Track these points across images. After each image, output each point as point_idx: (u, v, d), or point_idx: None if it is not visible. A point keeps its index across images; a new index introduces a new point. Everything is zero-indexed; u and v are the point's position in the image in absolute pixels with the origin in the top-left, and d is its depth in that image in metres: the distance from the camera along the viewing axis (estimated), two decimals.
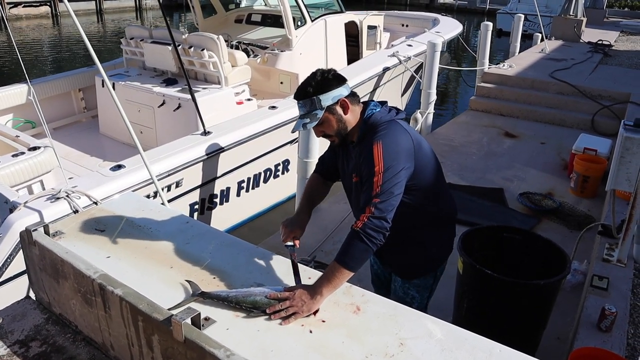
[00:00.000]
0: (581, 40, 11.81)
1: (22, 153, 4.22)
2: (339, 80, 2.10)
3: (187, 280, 1.98)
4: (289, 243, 2.24)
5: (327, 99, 2.06)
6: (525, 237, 3.02)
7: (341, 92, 2.09)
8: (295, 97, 2.12)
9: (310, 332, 1.74)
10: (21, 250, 2.38)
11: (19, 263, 3.37)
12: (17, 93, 6.11)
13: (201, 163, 4.76)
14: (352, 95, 2.15)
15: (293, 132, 2.16)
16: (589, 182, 5.18)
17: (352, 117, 2.14)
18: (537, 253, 2.94)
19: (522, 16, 11.51)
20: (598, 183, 5.20)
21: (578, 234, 4.08)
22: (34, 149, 4.30)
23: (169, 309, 1.78)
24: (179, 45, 5.70)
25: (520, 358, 1.64)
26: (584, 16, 12.61)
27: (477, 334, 1.74)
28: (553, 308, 2.83)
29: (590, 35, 12.23)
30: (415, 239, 2.37)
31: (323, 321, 1.79)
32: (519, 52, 11.06)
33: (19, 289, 3.34)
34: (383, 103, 2.25)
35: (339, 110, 2.10)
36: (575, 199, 5.18)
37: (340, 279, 1.91)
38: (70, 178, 4.13)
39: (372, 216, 1.95)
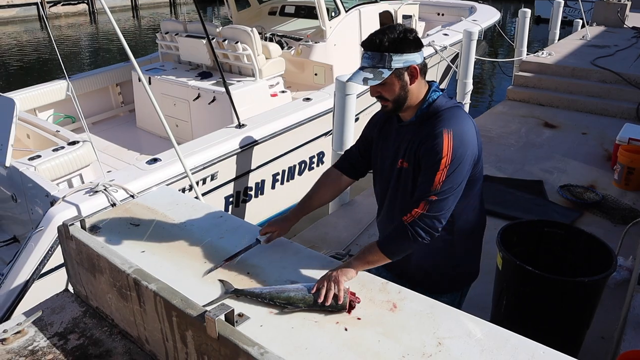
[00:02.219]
0: (625, 26, 11.35)
1: (62, 147, 4.31)
2: (417, 45, 1.89)
3: (219, 280, 1.96)
4: (260, 237, 2.18)
5: (400, 61, 1.84)
6: (567, 232, 2.90)
7: (415, 58, 1.87)
8: (364, 45, 1.88)
9: (346, 330, 1.71)
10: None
11: (59, 255, 3.45)
12: (56, 89, 6.25)
13: (236, 156, 4.77)
14: (424, 67, 1.94)
15: (348, 81, 2.01)
16: (635, 174, 4.98)
17: (416, 90, 1.92)
18: (579, 248, 2.82)
19: (562, 2, 11.13)
20: None
21: (623, 229, 3.93)
22: (73, 143, 4.39)
23: (203, 306, 1.77)
24: (213, 39, 5.72)
25: None
26: (628, 0, 12.12)
27: (518, 334, 1.67)
28: (597, 307, 2.73)
29: (635, 20, 11.75)
30: (449, 249, 2.12)
31: (358, 319, 1.75)
32: (559, 40, 10.72)
33: (60, 281, 3.42)
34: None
35: (407, 77, 1.88)
36: (619, 192, 4.98)
37: (374, 260, 1.90)
38: (108, 172, 4.20)
39: (424, 214, 1.83)
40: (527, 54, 9.05)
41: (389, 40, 1.82)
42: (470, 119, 1.95)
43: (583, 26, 10.74)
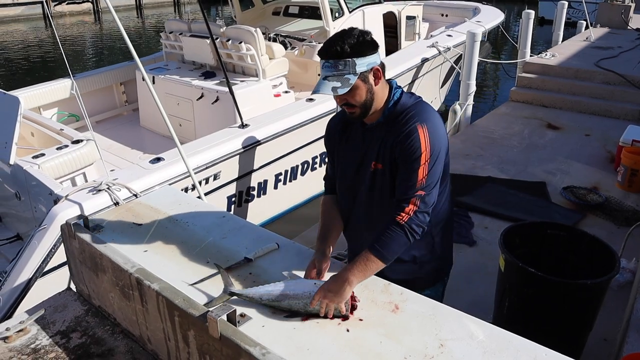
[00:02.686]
0: (629, 27, 11.31)
1: (66, 146, 4.32)
2: (375, 45, 1.88)
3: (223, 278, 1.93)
4: (248, 255, 2.10)
5: (363, 64, 1.82)
6: (570, 234, 2.90)
7: (376, 59, 1.87)
8: (323, 54, 1.85)
9: (348, 330, 1.71)
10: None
11: (62, 254, 3.46)
12: (61, 88, 6.27)
13: (238, 156, 4.78)
14: (383, 67, 1.92)
15: (314, 93, 1.94)
16: (638, 175, 4.97)
17: (381, 91, 1.92)
18: (582, 250, 2.82)
19: (566, 3, 11.10)
20: None
21: (626, 230, 3.91)
22: (77, 142, 4.40)
23: (206, 304, 1.78)
24: (216, 39, 5.73)
25: None
26: (632, 1, 12.06)
27: (520, 336, 1.67)
28: (600, 309, 2.72)
29: (638, 21, 11.71)
30: (429, 241, 2.12)
31: (360, 320, 1.75)
32: (562, 41, 10.69)
33: (62, 279, 3.43)
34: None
35: (371, 79, 1.87)
36: (623, 194, 4.97)
37: (373, 270, 1.85)
38: (111, 170, 4.21)
39: (418, 210, 1.85)
40: (531, 55, 9.02)
41: (350, 45, 1.80)
42: (434, 109, 1.97)
43: (587, 27, 10.73)
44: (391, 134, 1.92)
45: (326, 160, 2.27)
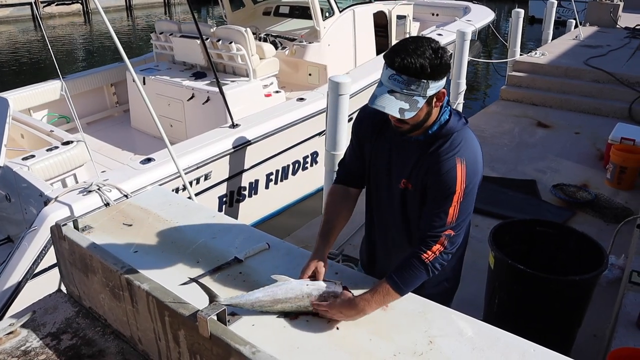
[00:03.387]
0: (618, 26, 11.40)
1: (56, 147, 4.30)
2: (449, 67, 1.69)
3: (205, 291, 1.78)
4: (239, 255, 2.10)
5: (434, 88, 1.65)
6: (559, 231, 2.92)
7: (444, 82, 1.69)
8: (398, 67, 1.62)
9: (338, 329, 1.72)
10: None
11: (52, 255, 3.45)
12: (50, 89, 6.23)
13: (229, 156, 4.77)
14: (445, 90, 1.76)
15: (372, 105, 1.67)
16: (627, 173, 5.01)
17: (435, 112, 1.77)
18: (572, 247, 2.84)
19: (555, 2, 11.17)
20: (636, 174, 5.02)
21: (615, 228, 3.95)
22: (67, 143, 4.38)
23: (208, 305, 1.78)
24: (207, 39, 5.72)
25: (555, 358, 1.58)
26: (620, 0, 12.16)
27: (509, 332, 1.68)
28: (589, 305, 2.75)
29: (627, 20, 11.80)
30: (445, 270, 1.97)
31: None
32: (552, 40, 10.76)
33: (53, 281, 3.41)
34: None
35: (434, 102, 1.72)
36: (612, 191, 5.02)
37: (389, 300, 1.77)
38: (102, 171, 4.20)
39: (445, 251, 1.76)
40: (521, 54, 9.08)
41: (431, 67, 1.61)
42: (476, 139, 1.84)
43: (576, 26, 10.79)
44: (429, 158, 1.79)
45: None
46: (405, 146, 1.86)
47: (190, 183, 4.34)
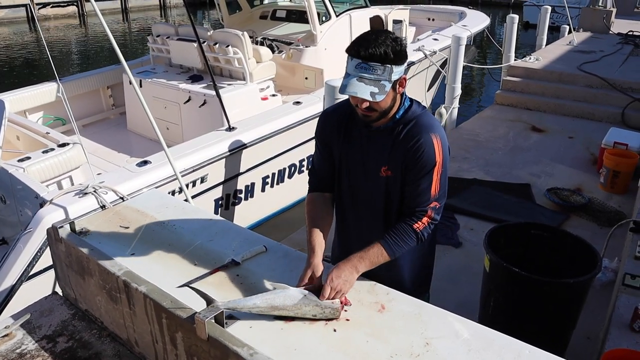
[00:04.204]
0: (611, 32, 11.49)
1: (52, 149, 4.30)
2: (407, 55, 1.86)
3: (202, 296, 1.78)
4: (236, 258, 2.09)
5: (398, 72, 1.80)
6: (553, 234, 2.95)
7: (404, 68, 1.85)
8: (363, 55, 1.75)
9: (335, 331, 1.73)
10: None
11: (48, 257, 3.44)
12: (46, 91, 6.23)
13: (225, 159, 4.78)
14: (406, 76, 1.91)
15: (343, 93, 1.79)
16: (620, 177, 5.05)
17: (399, 99, 1.91)
18: (565, 250, 2.87)
19: (549, 8, 11.26)
20: (629, 178, 5.06)
21: (608, 231, 3.97)
22: (63, 145, 4.38)
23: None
24: (203, 42, 5.73)
25: (549, 359, 1.60)
26: (613, 6, 12.24)
27: (504, 334, 1.70)
28: (583, 307, 2.77)
29: (620, 26, 11.89)
30: (422, 249, 2.12)
31: (347, 320, 1.77)
32: (546, 45, 10.83)
33: (48, 283, 3.41)
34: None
35: (398, 88, 1.85)
36: (605, 195, 5.05)
37: (379, 261, 1.90)
38: (98, 174, 4.20)
39: (432, 221, 1.93)
40: (515, 59, 9.13)
41: (393, 52, 1.75)
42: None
43: (570, 32, 10.87)
44: (403, 141, 1.90)
45: (314, 158, 2.15)
46: (376, 137, 1.96)
47: (187, 186, 4.34)
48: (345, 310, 1.80)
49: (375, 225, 2.07)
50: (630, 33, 10.98)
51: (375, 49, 1.74)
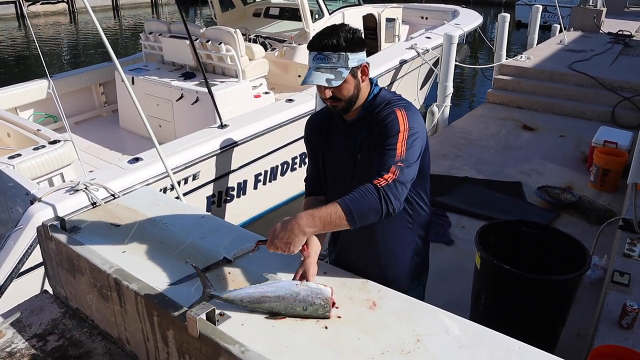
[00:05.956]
0: (601, 31, 11.57)
1: (43, 146, 4.28)
2: (364, 43, 1.94)
3: (201, 281, 1.91)
4: (228, 255, 2.11)
5: (354, 59, 1.87)
6: (544, 232, 2.97)
7: (364, 56, 1.93)
8: (316, 46, 1.86)
9: (326, 327, 1.73)
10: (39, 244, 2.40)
11: (38, 254, 3.42)
12: (37, 88, 6.19)
13: (218, 156, 4.77)
14: (368, 65, 1.98)
15: (304, 83, 1.90)
16: (609, 175, 5.09)
17: (365, 87, 1.98)
18: (556, 248, 2.89)
19: (540, 7, 11.30)
20: (619, 177, 5.09)
21: (598, 229, 4.00)
22: (55, 142, 4.35)
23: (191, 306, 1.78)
24: (196, 39, 5.72)
25: (539, 355, 1.61)
26: (603, 6, 12.32)
27: (495, 331, 1.71)
28: (573, 304, 2.79)
29: (610, 25, 11.97)
30: (412, 239, 2.14)
31: (338, 317, 1.78)
32: (537, 44, 10.89)
33: (38, 280, 3.39)
34: None
35: (359, 75, 1.92)
36: (595, 193, 5.09)
37: (334, 221, 1.73)
38: (90, 171, 4.18)
39: (397, 180, 1.77)
40: (507, 58, 9.17)
41: (345, 40, 1.85)
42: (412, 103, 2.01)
43: (561, 31, 10.93)
44: (371, 123, 1.95)
45: (306, 160, 2.24)
46: (352, 129, 2.03)
47: (179, 183, 4.33)
48: (337, 307, 1.81)
49: None
50: (620, 32, 11.06)
51: (328, 40, 1.84)
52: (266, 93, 6.11)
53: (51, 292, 2.46)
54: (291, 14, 7.37)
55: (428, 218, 2.18)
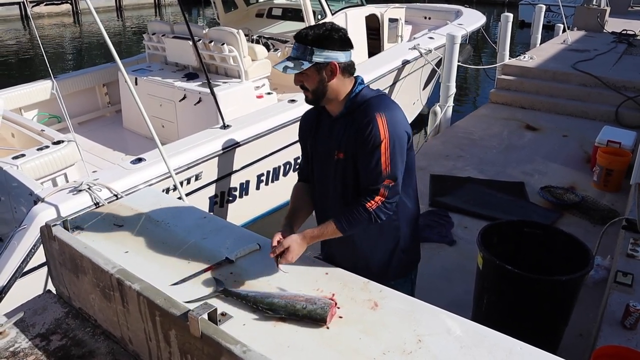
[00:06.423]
0: (604, 30, 11.53)
1: (47, 147, 4.29)
2: (343, 44, 1.98)
3: (214, 278, 1.99)
4: (229, 256, 2.14)
5: (320, 56, 1.94)
6: (546, 232, 2.96)
7: (337, 56, 1.96)
8: (294, 36, 2.01)
9: (327, 328, 1.73)
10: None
11: (42, 254, 3.44)
12: (41, 89, 6.21)
13: (220, 156, 4.78)
14: (348, 66, 2.02)
15: (274, 67, 2.08)
16: (613, 175, 5.08)
17: (336, 86, 2.01)
18: (558, 248, 2.88)
19: (543, 7, 11.26)
20: (622, 176, 5.08)
21: (601, 229, 4.00)
22: (58, 142, 4.37)
23: (198, 299, 1.82)
24: (199, 40, 5.73)
25: (540, 356, 1.61)
26: (607, 5, 12.28)
27: (497, 331, 1.71)
28: (575, 304, 2.78)
29: (614, 25, 11.94)
30: (397, 234, 2.20)
31: (340, 317, 1.78)
32: (541, 44, 10.86)
33: (41, 280, 3.41)
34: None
35: (326, 73, 1.98)
36: (598, 193, 5.08)
37: (328, 235, 2.03)
38: (93, 171, 4.20)
39: (386, 200, 1.96)
40: (510, 58, 9.15)
41: (313, 35, 1.93)
42: (395, 102, 2.06)
43: (564, 31, 10.90)
44: (352, 124, 2.01)
45: (301, 159, 2.33)
46: (335, 125, 2.09)
47: (181, 183, 4.34)
48: (338, 307, 1.81)
49: (337, 211, 2.12)
50: (624, 32, 11.02)
51: (301, 32, 1.97)
52: (269, 94, 6.11)
53: (54, 292, 2.47)
54: (294, 14, 7.37)
55: (415, 213, 2.25)
